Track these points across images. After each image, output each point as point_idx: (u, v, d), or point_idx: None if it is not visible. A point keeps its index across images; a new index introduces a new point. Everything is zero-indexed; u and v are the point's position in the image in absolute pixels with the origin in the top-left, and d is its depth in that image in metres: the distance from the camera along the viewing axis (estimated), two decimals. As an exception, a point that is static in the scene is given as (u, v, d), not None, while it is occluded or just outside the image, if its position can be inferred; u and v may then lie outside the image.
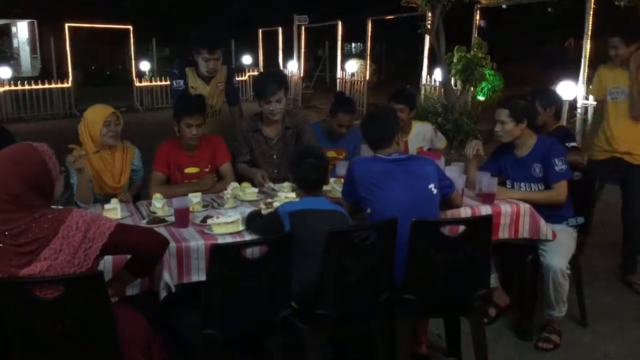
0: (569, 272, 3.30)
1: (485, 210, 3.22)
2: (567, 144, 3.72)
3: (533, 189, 3.46)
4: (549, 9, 31.17)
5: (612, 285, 4.21)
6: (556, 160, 3.34)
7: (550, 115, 3.86)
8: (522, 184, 3.50)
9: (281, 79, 3.88)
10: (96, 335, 2.12)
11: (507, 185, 3.56)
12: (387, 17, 13.27)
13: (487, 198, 3.32)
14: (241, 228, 2.88)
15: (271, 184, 3.63)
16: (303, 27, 15.88)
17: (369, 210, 2.91)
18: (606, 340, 3.47)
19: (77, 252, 2.08)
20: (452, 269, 2.73)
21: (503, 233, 3.29)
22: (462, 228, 2.75)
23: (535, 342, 3.38)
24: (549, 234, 3.29)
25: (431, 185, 2.91)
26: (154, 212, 3.14)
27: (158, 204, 3.19)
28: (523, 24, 28.90)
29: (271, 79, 3.83)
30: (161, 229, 2.90)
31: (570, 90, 7.47)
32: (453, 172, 3.39)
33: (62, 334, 2.05)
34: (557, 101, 3.98)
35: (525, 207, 3.31)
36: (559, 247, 3.31)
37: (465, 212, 3.20)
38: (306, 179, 2.85)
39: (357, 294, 2.66)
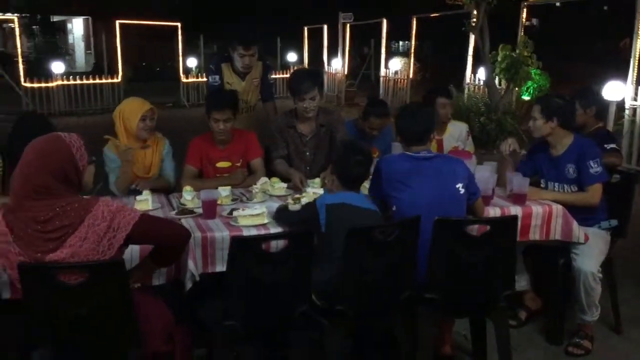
0: (600, 275, 3.21)
1: (515, 211, 3.16)
2: (605, 146, 3.62)
3: (566, 190, 3.38)
4: (605, 7, 30.24)
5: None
6: (591, 163, 3.24)
7: (590, 116, 3.76)
8: (556, 184, 3.42)
9: (315, 77, 3.90)
10: (118, 321, 2.18)
11: (541, 185, 3.49)
12: (432, 15, 13.13)
13: (518, 199, 3.26)
14: (266, 221, 2.91)
15: (307, 187, 3.61)
16: (348, 25, 15.86)
17: (394, 208, 2.90)
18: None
19: (101, 240, 2.14)
20: (476, 268, 2.70)
21: (534, 234, 3.22)
22: (486, 228, 2.71)
23: (566, 347, 3.31)
24: (581, 236, 3.21)
25: (459, 185, 2.87)
26: (184, 204, 3.21)
27: (188, 196, 3.25)
28: (577, 22, 28.11)
29: (305, 76, 3.86)
30: (188, 220, 2.97)
31: (619, 90, 7.23)
32: (485, 171, 3.34)
33: (84, 318, 2.12)
34: (597, 102, 3.87)
35: (557, 209, 3.23)
36: (591, 250, 3.22)
37: (494, 212, 3.16)
38: (349, 174, 2.87)
39: (378, 291, 2.66)
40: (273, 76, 4.77)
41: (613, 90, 7.18)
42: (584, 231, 3.24)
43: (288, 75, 16.33)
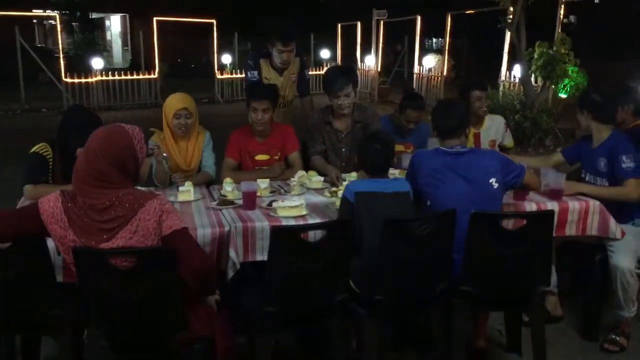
0: (638, 271, 3.20)
1: (551, 206, 3.17)
2: None
3: (598, 183, 3.39)
4: (646, 3, 29.46)
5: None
6: (623, 157, 3.25)
7: (628, 113, 3.74)
8: (590, 176, 3.45)
9: (350, 74, 3.96)
10: (165, 305, 2.27)
11: (582, 175, 3.52)
12: (467, 12, 13.04)
13: (555, 194, 3.27)
14: (304, 212, 2.99)
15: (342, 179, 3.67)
16: (382, 22, 15.85)
17: (428, 203, 2.95)
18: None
19: (150, 235, 2.22)
20: (512, 262, 2.72)
21: (570, 230, 3.23)
22: (522, 222, 2.74)
23: (601, 344, 3.31)
24: (618, 232, 3.21)
25: (492, 180, 2.90)
26: (224, 196, 3.31)
27: (228, 187, 3.35)
28: (617, 19, 27.46)
29: (340, 74, 3.92)
30: (229, 210, 3.06)
31: (659, 88, 7.10)
32: (550, 173, 3.35)
33: (134, 301, 2.22)
34: (635, 99, 3.84)
35: (595, 205, 3.23)
36: (627, 246, 3.22)
37: (530, 207, 3.18)
38: (371, 162, 2.95)
39: (414, 283, 2.71)
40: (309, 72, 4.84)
41: (654, 89, 7.05)
42: (620, 227, 3.23)
43: (322, 72, 16.56)
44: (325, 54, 18.83)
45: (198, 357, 2.38)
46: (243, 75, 15.74)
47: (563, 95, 9.93)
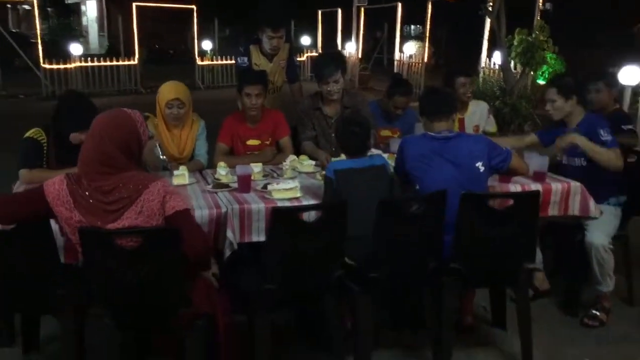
0: (612, 247, 3.36)
1: (535, 187, 3.30)
2: (622, 127, 3.75)
3: (576, 164, 3.53)
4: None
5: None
6: (601, 131, 3.40)
7: (614, 96, 3.89)
8: (568, 158, 3.59)
9: (339, 61, 4.05)
10: (168, 283, 2.35)
11: (557, 158, 3.65)
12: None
13: (538, 176, 3.40)
14: (299, 194, 3.07)
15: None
16: (362, 9, 15.90)
17: (417, 187, 3.06)
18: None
19: (155, 216, 2.30)
20: (499, 241, 2.84)
21: (553, 210, 3.36)
22: (510, 202, 2.86)
23: (581, 319, 3.46)
24: (597, 212, 3.36)
25: (478, 164, 3.02)
26: (219, 179, 3.38)
27: (222, 171, 3.42)
28: (591, 7, 27.78)
29: (329, 60, 4.00)
30: (225, 193, 3.14)
31: (634, 75, 7.28)
32: (534, 156, 3.45)
33: (138, 279, 2.29)
34: (613, 83, 4.00)
35: (575, 186, 3.37)
36: (601, 224, 3.38)
37: (515, 188, 3.30)
38: (349, 144, 3.08)
39: (407, 261, 2.82)
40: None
41: (629, 75, 7.23)
42: (599, 207, 3.38)
43: (302, 59, 16.58)
44: (305, 40, 18.82)
45: (200, 333, 2.46)
46: (223, 62, 15.76)
47: (541, 82, 10.12)
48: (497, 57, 10.62)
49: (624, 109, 4.13)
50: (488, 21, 10.59)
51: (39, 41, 13.35)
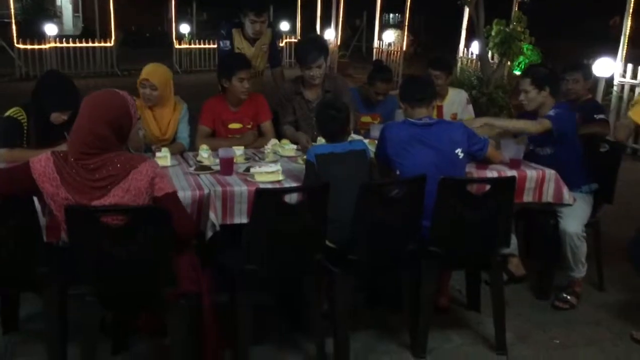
0: (584, 235, 3.47)
1: (511, 174, 3.38)
2: (595, 116, 3.86)
3: (544, 152, 3.64)
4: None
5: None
6: (552, 110, 3.50)
7: (588, 86, 3.97)
8: (537, 148, 3.67)
9: (322, 46, 4.08)
10: (154, 261, 2.38)
11: (530, 147, 3.71)
12: (427, -12, 13.21)
13: (514, 164, 3.49)
14: (281, 178, 3.11)
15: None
16: (342, -4, 15.88)
17: (398, 172, 3.12)
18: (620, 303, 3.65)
19: (142, 195, 2.33)
20: (476, 225, 2.92)
21: (527, 196, 3.46)
22: (487, 187, 2.94)
23: (553, 302, 3.58)
24: (570, 199, 3.46)
25: (458, 150, 3.10)
26: (201, 162, 3.39)
27: (204, 154, 3.44)
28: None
29: (312, 45, 4.03)
30: (207, 176, 3.16)
31: (608, 67, 7.46)
32: (510, 144, 3.53)
33: (124, 257, 2.31)
34: (586, 73, 4.09)
35: (550, 173, 3.46)
36: (575, 212, 3.48)
37: (492, 175, 3.38)
38: (327, 128, 3.13)
39: (386, 243, 2.89)
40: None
41: (603, 67, 7.41)
42: (572, 194, 3.49)
43: (282, 45, 16.51)
44: (284, 26, 18.73)
45: (184, 312, 2.49)
46: (201, 46, 15.59)
47: (518, 72, 10.26)
48: (475, 47, 10.72)
49: (596, 99, 4.23)
50: (467, 11, 10.67)
51: (13, 21, 13.07)
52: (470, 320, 3.41)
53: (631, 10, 7.56)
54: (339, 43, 16.34)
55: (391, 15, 28.81)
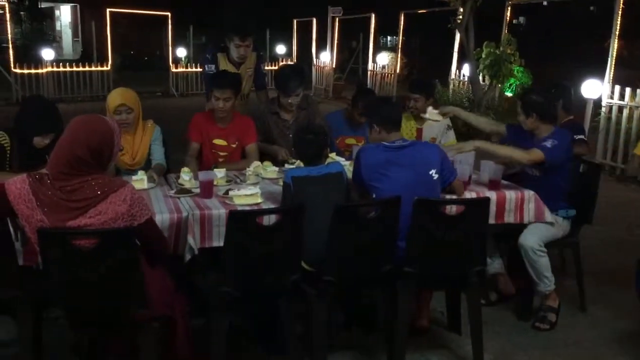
0: (541, 250, 3.47)
1: (490, 195, 3.40)
2: (575, 136, 3.90)
3: (532, 172, 3.66)
4: (591, 8, 30.67)
5: (613, 276, 4.35)
6: (549, 140, 3.51)
7: (559, 109, 4.00)
8: (529, 168, 3.68)
9: (302, 75, 4.20)
10: (126, 284, 2.40)
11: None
12: (419, 11, 13.39)
13: (493, 185, 3.52)
14: (260, 200, 3.14)
15: (293, 159, 3.88)
16: (337, 19, 16.06)
17: (374, 196, 3.12)
18: (601, 324, 3.65)
19: (118, 219, 2.34)
20: (450, 245, 2.94)
21: (509, 217, 3.49)
22: (461, 208, 2.96)
23: (533, 322, 3.58)
24: (552, 219, 3.51)
25: (432, 171, 3.12)
26: (182, 184, 3.42)
27: (186, 177, 3.47)
28: (563, 22, 28.43)
29: (293, 75, 4.13)
30: (187, 199, 3.19)
31: (596, 89, 7.53)
32: (489, 165, 3.58)
33: (95, 280, 2.33)
34: (564, 95, 4.12)
35: (529, 194, 3.49)
36: (536, 228, 3.51)
37: (470, 195, 3.41)
38: (305, 152, 3.16)
39: (361, 264, 2.90)
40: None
41: (591, 88, 7.48)
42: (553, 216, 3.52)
43: (266, 68, 16.64)
44: (281, 49, 18.92)
45: (155, 335, 2.50)
46: (198, 69, 15.75)
47: (509, 94, 10.36)
48: (466, 69, 10.84)
49: (575, 120, 4.24)
50: (458, 34, 10.81)
51: (10, 45, 13.22)
52: (450, 341, 3.41)
53: (617, 33, 7.63)
54: (334, 65, 16.50)
55: (388, 37, 29.11)
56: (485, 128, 4.29)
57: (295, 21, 18.21)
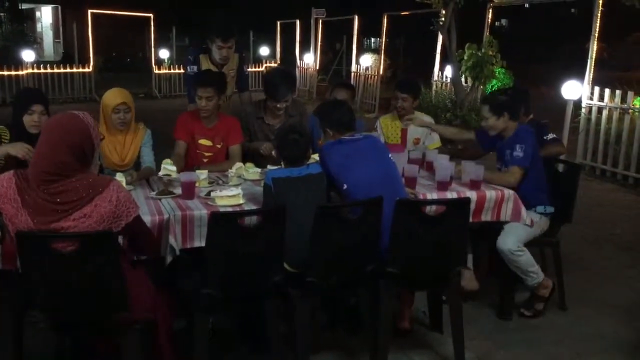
0: (519, 250, 3.52)
1: (470, 194, 3.44)
2: (545, 137, 3.96)
3: (502, 170, 3.72)
4: (572, 10, 31.06)
5: (593, 275, 4.42)
6: (517, 147, 3.58)
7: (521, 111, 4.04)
8: (503, 167, 3.74)
9: (291, 81, 4.20)
10: (106, 287, 2.38)
11: (497, 164, 3.81)
12: (402, 13, 13.45)
13: (474, 184, 3.55)
14: (241, 201, 3.13)
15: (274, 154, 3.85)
16: (321, 21, 16.09)
17: (345, 187, 3.13)
18: (582, 322, 3.69)
19: (104, 222, 2.30)
20: (432, 245, 2.96)
21: (486, 216, 3.52)
22: (442, 208, 2.98)
23: (520, 310, 3.67)
24: (528, 220, 3.53)
25: (390, 155, 3.27)
26: (168, 175, 3.47)
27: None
28: (544, 24, 28.76)
29: (282, 81, 4.11)
30: (169, 200, 3.17)
31: (576, 90, 7.61)
32: (470, 165, 3.61)
33: (75, 283, 2.31)
34: (524, 99, 4.16)
35: (509, 193, 3.53)
36: (513, 229, 3.55)
37: (451, 196, 3.44)
38: (288, 153, 3.15)
39: (344, 264, 2.91)
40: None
41: (571, 90, 7.56)
42: (530, 216, 3.56)
43: (261, 69, 16.65)
44: (264, 51, 18.91)
45: (137, 337, 2.48)
46: (181, 71, 15.67)
47: (491, 95, 10.44)
48: (449, 71, 10.91)
49: (535, 118, 4.27)
50: (440, 36, 10.88)
51: (-10, 47, 13.08)
52: (433, 340, 3.43)
53: (597, 35, 7.73)
54: (317, 67, 16.51)
55: (372, 39, 29.22)
56: (455, 137, 4.44)
57: (279, 23, 18.22)
